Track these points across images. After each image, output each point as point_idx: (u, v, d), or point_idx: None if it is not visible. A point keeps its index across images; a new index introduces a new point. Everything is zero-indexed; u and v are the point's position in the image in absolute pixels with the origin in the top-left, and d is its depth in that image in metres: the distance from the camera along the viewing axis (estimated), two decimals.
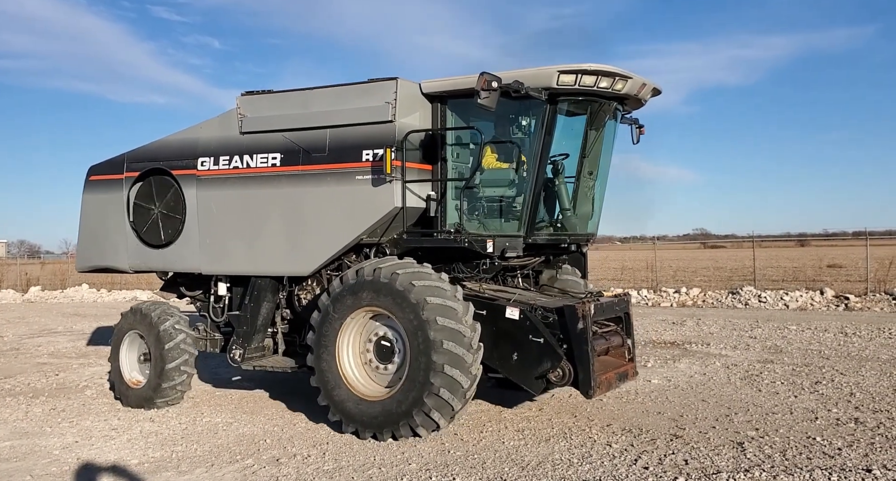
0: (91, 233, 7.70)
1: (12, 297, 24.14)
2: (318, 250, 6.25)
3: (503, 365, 5.66)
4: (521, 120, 6.15)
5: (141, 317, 6.99)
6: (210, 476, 4.82)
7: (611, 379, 5.78)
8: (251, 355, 6.68)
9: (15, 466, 5.12)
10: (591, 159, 6.61)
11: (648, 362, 8.90)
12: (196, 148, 6.93)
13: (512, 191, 6.13)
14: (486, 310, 5.65)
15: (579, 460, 4.97)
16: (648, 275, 21.15)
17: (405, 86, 6.03)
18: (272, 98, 6.65)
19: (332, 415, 5.79)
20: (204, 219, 6.87)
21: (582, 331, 5.45)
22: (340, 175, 6.13)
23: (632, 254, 31.08)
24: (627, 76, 5.96)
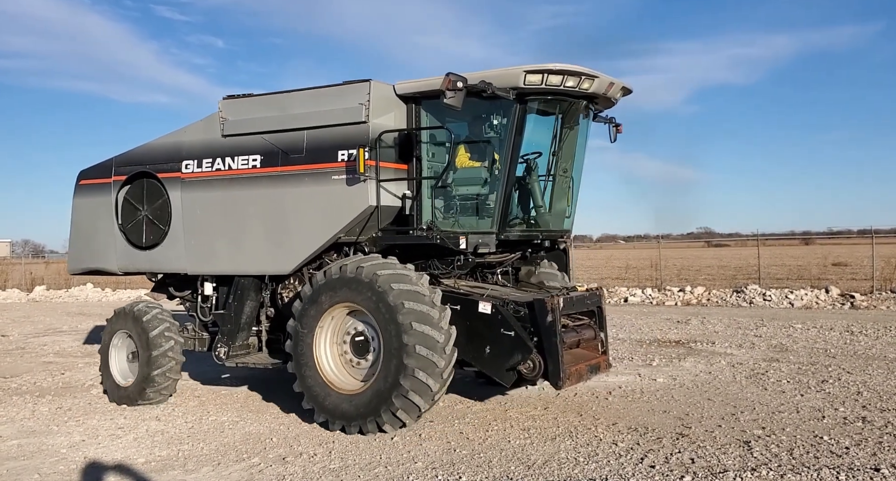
0: (82, 236, 7.90)
1: (17, 297, 24.23)
2: (297, 249, 6.39)
3: (477, 359, 5.83)
4: (492, 119, 6.24)
5: (131, 319, 7.12)
6: (217, 474, 4.83)
7: (581, 370, 5.91)
8: (235, 353, 6.82)
9: (23, 464, 5.14)
10: (566, 157, 6.75)
11: (654, 361, 8.88)
12: (180, 151, 7.10)
13: (485, 190, 6.24)
14: (461, 306, 5.81)
15: (585, 459, 4.96)
16: (653, 274, 21.13)
17: (378, 87, 6.17)
18: (252, 101, 6.79)
19: (306, 404, 5.96)
20: (189, 220, 7.04)
21: (551, 324, 5.59)
22: (317, 175, 6.27)
23: (636, 252, 31.05)
24: (594, 75, 6.09)
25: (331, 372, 5.96)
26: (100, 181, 7.68)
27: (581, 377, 5.97)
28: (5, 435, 5.99)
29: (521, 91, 5.87)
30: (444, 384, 5.60)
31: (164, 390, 6.99)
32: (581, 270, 24.78)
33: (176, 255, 7.14)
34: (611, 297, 18.18)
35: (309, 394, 5.94)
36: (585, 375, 6.04)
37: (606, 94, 6.43)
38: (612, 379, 7.78)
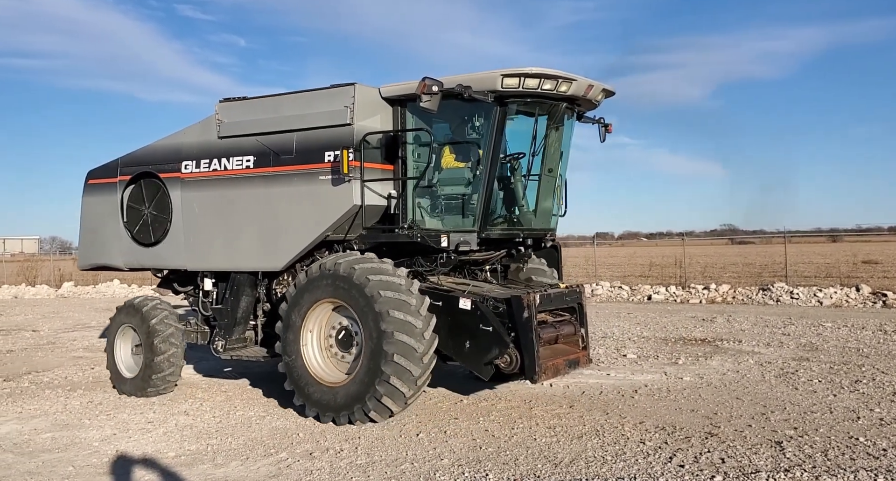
0: (90, 233, 8.19)
1: (46, 293, 24.73)
2: (287, 247, 6.60)
3: (457, 353, 5.99)
4: (475, 121, 6.39)
5: (133, 312, 7.44)
6: (245, 469, 4.87)
7: (559, 365, 6.04)
8: (232, 346, 7.10)
9: (58, 457, 5.24)
10: (551, 157, 6.92)
11: (679, 359, 8.78)
12: (180, 152, 7.37)
13: (468, 189, 6.40)
14: (442, 302, 5.98)
15: (613, 457, 4.91)
16: (676, 272, 20.88)
17: (363, 91, 6.37)
18: (247, 104, 7.02)
19: (297, 400, 6.17)
20: (188, 218, 7.30)
21: (527, 320, 5.73)
22: (306, 175, 6.49)
23: (659, 250, 30.72)
24: (571, 78, 6.23)
25: (318, 366, 6.19)
26: (106, 181, 7.99)
27: (558, 371, 6.11)
28: (40, 427, 6.11)
29: (500, 94, 6.02)
30: (425, 369, 5.76)
31: (168, 377, 7.23)
32: (603, 268, 24.57)
33: (176, 252, 7.40)
34: (634, 295, 18.02)
35: (298, 389, 6.16)
36: (563, 370, 6.18)
37: (586, 97, 6.56)
38: (638, 377, 7.70)
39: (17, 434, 5.91)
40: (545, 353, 5.92)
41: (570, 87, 6.23)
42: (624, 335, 11.18)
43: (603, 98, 6.86)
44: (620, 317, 13.80)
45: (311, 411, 6.11)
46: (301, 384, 6.14)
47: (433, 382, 7.57)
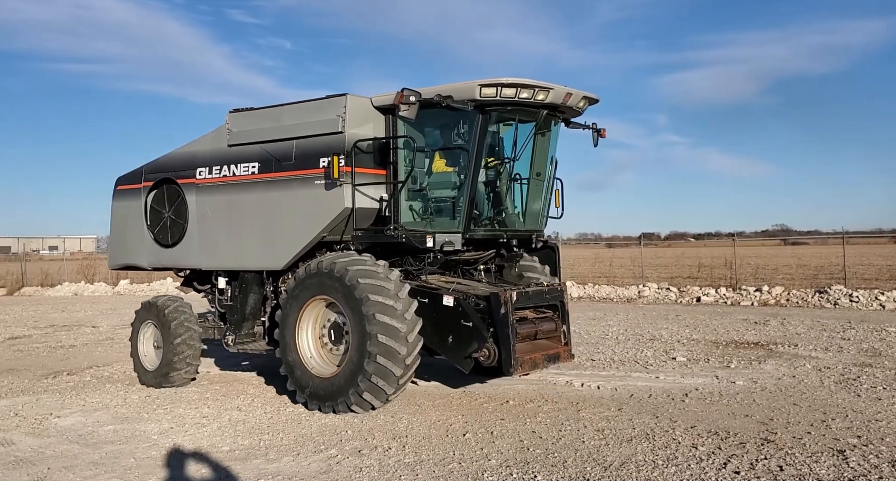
0: (118, 235, 8.81)
1: (104, 290, 25.73)
2: (287, 247, 7.01)
3: (441, 347, 6.36)
4: (460, 128, 6.77)
5: (155, 311, 7.91)
6: (297, 464, 4.97)
7: (537, 359, 6.34)
8: (241, 340, 7.62)
9: (119, 448, 5.46)
10: (538, 162, 7.34)
11: (731, 363, 8.54)
12: (195, 159, 7.89)
13: (454, 193, 6.81)
14: (429, 299, 6.34)
15: (664, 462, 4.82)
16: (726, 273, 20.31)
17: (354, 100, 6.79)
18: (253, 114, 7.49)
19: (290, 385, 6.66)
20: (202, 221, 7.81)
21: (504, 316, 6.06)
22: (303, 180, 6.92)
23: (707, 250, 29.93)
24: (548, 87, 6.55)
25: (311, 358, 6.63)
26: (132, 187, 8.57)
27: (536, 365, 6.39)
28: (102, 420, 6.37)
29: (479, 103, 6.37)
30: (407, 369, 6.13)
31: (184, 373, 7.71)
32: (650, 269, 24.09)
33: (192, 253, 7.92)
34: (682, 297, 17.62)
35: (292, 377, 6.62)
36: (541, 364, 6.48)
37: (566, 104, 6.87)
38: (688, 380, 7.53)
39: (82, 426, 6.17)
40: (523, 348, 6.24)
41: (547, 95, 6.56)
42: (672, 337, 10.95)
43: (585, 105, 7.18)
44: (668, 319, 13.51)
45: (300, 397, 6.58)
46: (294, 372, 6.60)
47: (475, 381, 7.59)
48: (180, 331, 7.66)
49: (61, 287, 26.38)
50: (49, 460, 5.17)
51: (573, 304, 17.51)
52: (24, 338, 12.67)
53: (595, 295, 18.91)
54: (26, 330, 14.06)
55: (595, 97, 7.19)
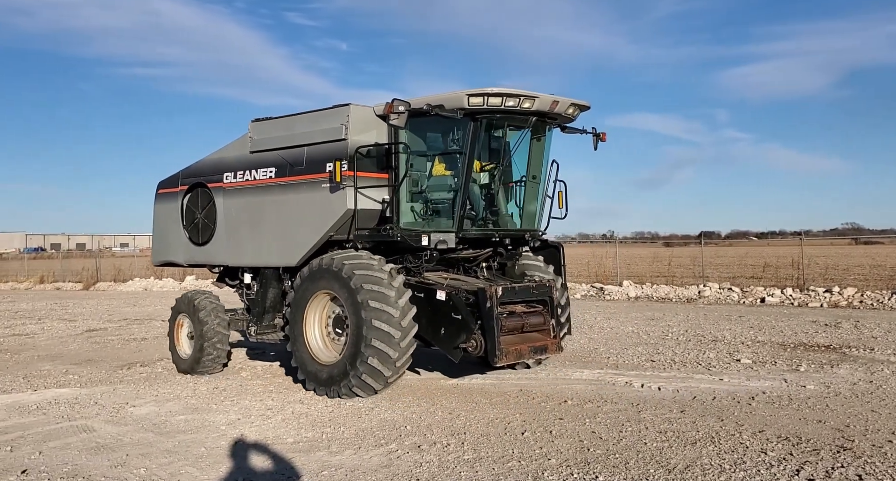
0: (159, 234, 9.59)
1: (171, 286, 26.84)
2: (299, 246, 7.53)
3: (434, 338, 6.81)
4: (455, 134, 7.24)
5: (188, 304, 8.57)
6: (358, 458, 5.08)
7: (522, 350, 6.77)
8: (262, 331, 8.30)
9: (191, 438, 5.70)
10: (534, 166, 7.83)
11: (801, 366, 8.20)
12: (223, 165, 8.55)
13: (449, 195, 7.30)
14: (424, 293, 6.80)
15: (731, 466, 4.68)
16: (793, 273, 19.49)
17: (357, 110, 7.30)
18: (271, 123, 8.07)
19: (300, 375, 7.22)
20: (228, 221, 8.45)
21: (489, 309, 6.50)
22: (312, 184, 7.45)
23: (772, 250, 28.79)
24: (533, 96, 6.95)
25: (317, 347, 7.18)
26: (171, 190, 9.32)
27: (521, 356, 6.84)
28: (174, 410, 6.67)
29: (468, 111, 6.82)
30: (402, 353, 6.58)
31: (214, 359, 8.34)
32: (710, 268, 23.38)
33: (220, 250, 8.59)
34: (745, 297, 17.02)
35: (301, 366, 7.20)
36: (527, 355, 6.91)
37: (554, 111, 7.27)
38: (755, 383, 7.28)
39: (156, 415, 6.48)
40: (510, 339, 6.70)
41: (533, 103, 6.97)
42: (736, 339, 10.59)
43: (576, 112, 7.58)
44: (731, 319, 13.08)
45: (310, 385, 7.11)
46: (303, 362, 7.16)
47: (531, 379, 7.56)
48: (210, 323, 8.29)
49: (132, 282, 27.69)
50: (127, 447, 5.45)
51: (630, 304, 17.18)
52: (100, 331, 13.38)
53: (653, 295, 18.48)
54: (102, 323, 14.84)
55: (585, 104, 7.57)
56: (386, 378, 6.62)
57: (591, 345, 10.28)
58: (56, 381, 8.24)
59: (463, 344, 6.56)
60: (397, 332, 6.50)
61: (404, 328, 6.55)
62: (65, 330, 13.68)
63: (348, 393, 6.73)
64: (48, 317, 16.49)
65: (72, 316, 16.60)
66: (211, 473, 4.81)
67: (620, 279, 20.52)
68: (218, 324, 8.35)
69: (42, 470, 4.93)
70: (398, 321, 6.52)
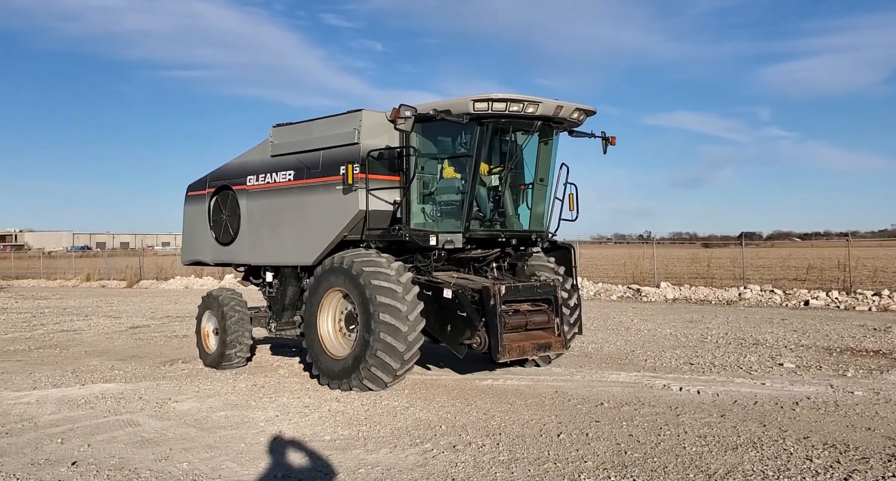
0: (189, 235, 10.02)
1: (211, 284, 27.44)
2: (315, 245, 7.81)
3: (441, 334, 7.04)
4: (463, 138, 7.48)
5: (214, 301, 8.94)
6: (394, 456, 5.11)
7: (525, 347, 6.91)
8: (281, 327, 8.65)
9: (231, 434, 5.82)
10: (542, 169, 8.03)
11: (848, 371, 7.95)
12: (246, 168, 8.89)
13: (458, 196, 7.51)
14: (432, 292, 7.02)
15: (775, 473, 4.56)
16: (838, 276, 18.89)
17: (369, 115, 7.57)
18: (290, 128, 8.38)
19: (314, 370, 7.54)
20: (250, 222, 8.78)
21: (493, 307, 6.67)
22: (327, 186, 7.73)
23: (816, 251, 27.98)
24: (536, 101, 7.11)
25: (330, 342, 7.48)
26: (199, 193, 9.73)
27: (524, 352, 6.97)
28: (214, 406, 6.82)
29: (474, 116, 7.01)
30: (410, 346, 6.79)
31: (238, 353, 8.66)
32: (751, 270, 22.83)
33: (244, 250, 8.92)
34: (788, 300, 16.56)
35: (315, 361, 7.50)
36: (530, 352, 7.04)
37: (558, 116, 7.44)
38: (798, 388, 7.08)
39: (197, 410, 6.64)
40: (513, 337, 6.85)
41: (536, 108, 7.13)
42: (779, 342, 10.32)
43: (582, 117, 7.72)
44: (773, 323, 12.75)
45: (323, 379, 7.40)
46: (316, 357, 7.47)
47: (566, 385, 7.49)
48: (233, 319, 8.62)
49: (174, 280, 28.44)
50: (170, 441, 5.60)
51: (667, 306, 16.89)
52: (144, 328, 13.77)
53: (692, 296, 18.13)
54: (145, 320, 15.27)
55: (590, 109, 7.70)
56: (395, 370, 6.83)
57: (628, 347, 10.14)
58: (102, 376, 8.52)
59: (467, 340, 6.75)
60: (404, 326, 6.73)
61: (411, 322, 6.78)
62: (110, 326, 14.12)
63: (359, 386, 6.98)
64: (94, 313, 17.04)
65: (116, 313, 17.13)
66: (251, 469, 4.90)
67: (658, 280, 20.19)
68: (240, 320, 8.66)
69: (91, 462, 5.10)
70: (405, 315, 6.74)
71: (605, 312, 15.10)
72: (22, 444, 5.57)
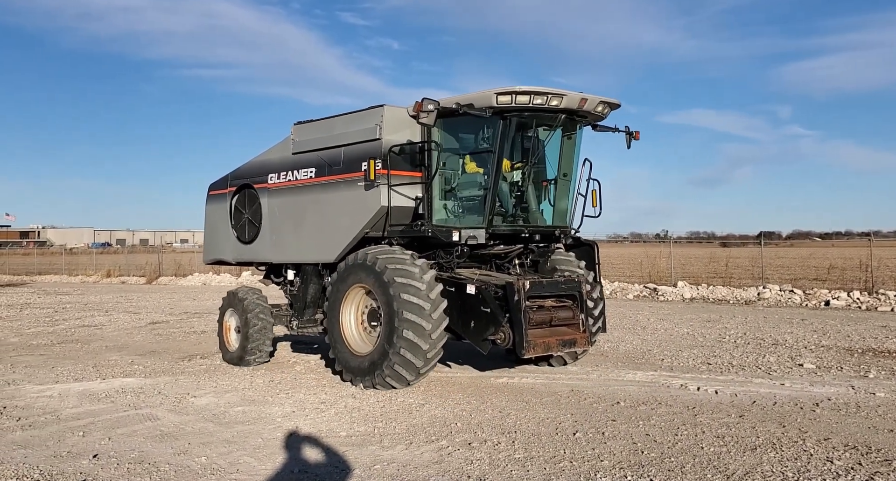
0: (210, 234, 10.02)
1: (229, 281, 27.70)
2: (337, 242, 7.77)
3: (464, 331, 6.96)
4: (486, 132, 7.39)
5: (236, 299, 8.94)
6: (410, 453, 5.13)
7: (550, 343, 6.86)
8: (303, 325, 8.62)
9: (249, 429, 5.88)
10: (565, 164, 7.89)
11: (870, 372, 7.83)
12: (267, 166, 8.89)
13: (480, 192, 7.43)
14: (455, 288, 6.98)
15: (794, 474, 4.51)
16: (860, 276, 18.59)
17: (391, 110, 7.48)
18: (312, 125, 8.35)
19: (337, 366, 7.50)
20: (272, 220, 8.77)
21: (517, 303, 6.62)
22: (349, 183, 7.69)
23: (837, 251, 27.56)
24: (561, 94, 7.01)
25: (353, 339, 7.44)
26: (221, 191, 9.74)
27: (549, 348, 6.93)
28: (232, 401, 6.89)
29: (497, 110, 6.91)
30: (433, 345, 6.73)
31: (259, 348, 8.65)
32: (770, 270, 22.56)
33: (265, 248, 8.92)
34: (808, 300, 16.34)
35: (338, 358, 7.46)
36: (555, 348, 7.01)
37: (583, 109, 7.31)
38: (819, 389, 6.99)
39: (215, 406, 6.70)
40: (538, 333, 6.80)
41: (561, 101, 7.01)
42: (798, 343, 10.19)
43: (606, 110, 7.59)
44: (793, 323, 12.59)
45: (346, 376, 7.38)
46: (339, 353, 7.44)
47: (582, 383, 7.46)
48: (255, 319, 8.63)
49: (192, 277, 28.73)
50: (189, 436, 5.67)
51: (685, 305, 16.74)
52: (163, 324, 13.94)
53: (709, 296, 17.95)
54: (164, 316, 15.45)
55: (615, 102, 7.55)
56: (418, 369, 6.78)
57: (645, 346, 10.07)
58: (123, 371, 8.64)
59: (491, 336, 6.71)
60: (428, 324, 6.67)
61: (435, 320, 6.72)
62: (130, 322, 14.32)
63: (382, 384, 6.94)
64: (115, 309, 17.28)
65: (136, 308, 17.35)
66: (268, 464, 4.94)
67: (675, 279, 20.02)
68: (262, 317, 8.67)
69: (111, 455, 5.17)
70: (429, 313, 6.68)
71: (621, 311, 15.01)
72: (45, 437, 5.67)
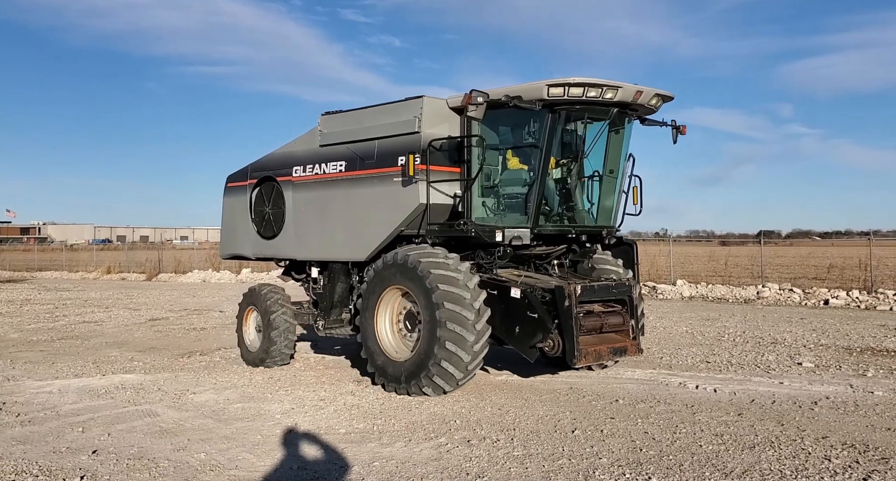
0: (228, 228, 9.56)
1: (228, 277, 27.69)
2: (369, 240, 7.43)
3: (508, 337, 6.59)
4: (531, 126, 6.99)
5: (257, 297, 8.67)
6: (409, 450, 5.14)
7: (602, 351, 6.55)
8: (329, 325, 8.22)
9: (248, 425, 5.89)
10: (612, 160, 7.47)
11: (868, 371, 7.84)
12: (292, 158, 8.46)
13: (524, 189, 7.04)
14: (497, 291, 6.59)
15: (792, 472, 4.52)
16: (859, 275, 18.60)
17: (430, 102, 7.09)
18: (341, 117, 7.99)
19: (370, 368, 7.13)
20: (297, 215, 8.37)
21: (568, 308, 6.27)
22: (383, 177, 7.31)
23: (837, 250, 27.58)
24: (616, 86, 6.64)
25: (388, 343, 7.06)
26: (240, 184, 9.28)
27: (601, 357, 6.63)
28: (231, 398, 6.90)
29: (547, 103, 6.55)
30: (475, 356, 6.41)
31: (283, 349, 8.35)
32: (770, 269, 22.56)
33: (288, 244, 8.49)
34: (807, 299, 16.35)
35: (371, 361, 7.09)
36: (606, 356, 6.70)
37: (637, 102, 6.92)
38: (817, 388, 7.00)
39: (214, 402, 6.71)
40: (588, 340, 6.48)
41: (616, 93, 6.65)
42: (797, 341, 10.20)
43: (659, 103, 7.22)
44: (792, 321, 12.60)
45: (379, 379, 7.04)
46: (372, 355, 7.07)
47: (581, 381, 7.47)
48: (279, 319, 8.34)
49: (192, 274, 28.71)
50: (188, 432, 5.68)
51: (684, 303, 16.74)
52: (162, 320, 13.95)
53: (709, 294, 17.97)
54: (164, 312, 15.46)
55: (669, 94, 7.22)
56: (457, 380, 6.50)
57: (643, 344, 10.07)
58: (122, 367, 8.65)
59: (539, 343, 6.33)
60: (471, 335, 6.32)
61: (479, 331, 6.37)
62: (130, 318, 14.32)
63: (417, 392, 6.62)
64: (115, 305, 17.29)
65: (136, 305, 17.36)
66: (267, 460, 4.95)
67: (674, 278, 20.02)
68: (285, 316, 8.37)
69: (111, 451, 5.18)
70: (473, 324, 6.33)
71: None
72: (44, 433, 5.68)
